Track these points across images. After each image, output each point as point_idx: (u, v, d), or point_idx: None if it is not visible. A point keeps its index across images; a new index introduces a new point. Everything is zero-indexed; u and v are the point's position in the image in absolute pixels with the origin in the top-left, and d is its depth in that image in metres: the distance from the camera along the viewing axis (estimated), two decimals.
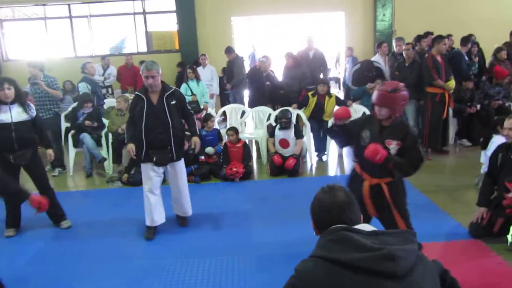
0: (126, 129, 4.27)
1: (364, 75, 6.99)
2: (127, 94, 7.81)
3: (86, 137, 6.16)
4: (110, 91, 9.07)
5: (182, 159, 4.22)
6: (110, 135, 6.31)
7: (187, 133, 4.30)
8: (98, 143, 6.28)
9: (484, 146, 5.10)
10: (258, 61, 7.62)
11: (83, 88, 6.67)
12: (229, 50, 8.45)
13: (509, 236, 3.65)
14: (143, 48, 10.72)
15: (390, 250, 1.44)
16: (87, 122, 6.20)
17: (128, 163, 5.87)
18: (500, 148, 3.78)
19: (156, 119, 3.91)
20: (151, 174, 4.06)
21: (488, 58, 7.75)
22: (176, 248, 3.91)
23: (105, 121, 6.48)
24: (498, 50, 7.44)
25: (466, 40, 7.33)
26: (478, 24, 9.01)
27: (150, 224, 4.16)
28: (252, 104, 7.27)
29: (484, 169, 4.91)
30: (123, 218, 4.60)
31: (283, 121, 5.97)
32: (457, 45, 7.64)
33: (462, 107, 6.76)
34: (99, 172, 6.40)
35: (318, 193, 1.76)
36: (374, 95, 3.04)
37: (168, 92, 3.96)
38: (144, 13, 10.44)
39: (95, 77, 7.46)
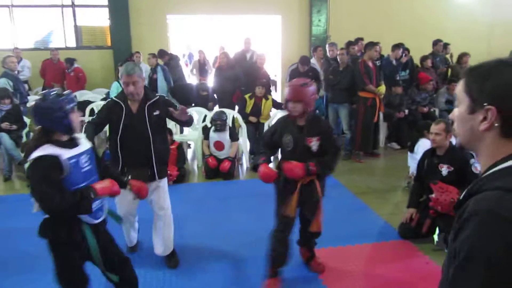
0: (85, 128, 3.37)
1: (300, 73, 6.99)
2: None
3: (4, 137, 5.64)
4: (27, 88, 8.28)
5: (166, 178, 3.57)
6: (32, 135, 5.83)
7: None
8: (18, 144, 5.78)
9: (411, 149, 5.33)
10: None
11: (3, 84, 6.14)
12: (161, 54, 8.17)
13: (435, 236, 3.84)
14: (72, 43, 10.08)
15: None
16: (4, 125, 5.69)
17: None
18: (426, 153, 4.00)
19: (135, 132, 3.24)
20: (128, 197, 3.14)
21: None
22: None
23: (27, 120, 5.97)
24: (423, 59, 7.92)
25: (395, 47, 7.63)
26: (407, 33, 9.49)
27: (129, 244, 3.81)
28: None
29: (411, 171, 5.13)
30: None
31: (218, 123, 5.86)
32: (387, 52, 7.94)
33: (391, 111, 7.04)
34: (20, 175, 5.89)
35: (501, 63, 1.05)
36: (287, 91, 3.04)
37: (151, 101, 3.29)
38: (73, 6, 9.84)
39: None
